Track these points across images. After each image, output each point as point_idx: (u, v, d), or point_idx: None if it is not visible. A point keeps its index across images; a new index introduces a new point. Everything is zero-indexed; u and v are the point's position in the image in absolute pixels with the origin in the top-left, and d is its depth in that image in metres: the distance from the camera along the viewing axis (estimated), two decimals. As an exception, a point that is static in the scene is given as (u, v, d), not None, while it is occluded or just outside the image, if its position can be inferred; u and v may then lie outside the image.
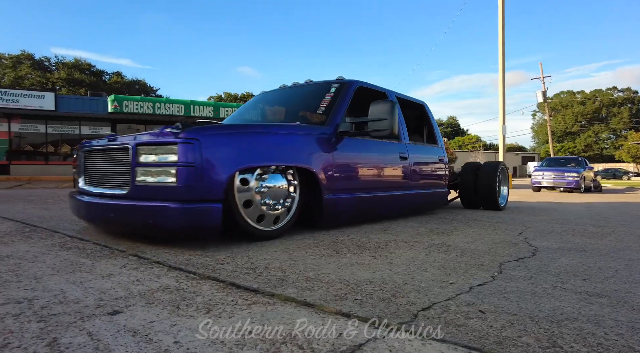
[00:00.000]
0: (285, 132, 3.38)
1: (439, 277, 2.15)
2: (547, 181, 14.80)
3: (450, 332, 1.38)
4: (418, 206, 5.11)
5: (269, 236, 3.14)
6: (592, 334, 1.39)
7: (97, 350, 1.21)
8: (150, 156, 2.71)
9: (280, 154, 3.18)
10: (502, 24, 17.45)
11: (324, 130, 3.68)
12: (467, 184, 6.34)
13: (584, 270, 2.37)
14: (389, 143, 4.46)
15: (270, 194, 3.12)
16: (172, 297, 1.74)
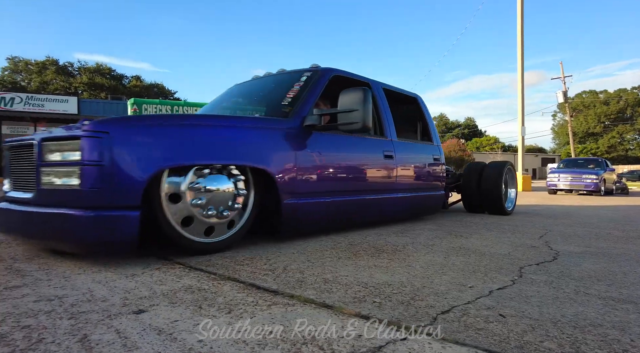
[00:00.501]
0: (235, 126, 2.85)
1: (458, 280, 2.14)
2: (564, 183, 14.08)
3: (470, 336, 1.38)
4: (408, 210, 4.60)
5: (205, 249, 2.65)
6: (618, 341, 1.36)
7: (125, 347, 1.25)
8: (56, 153, 2.30)
9: (227, 150, 2.70)
10: (521, 23, 17.16)
11: (287, 124, 3.15)
12: (470, 186, 5.83)
13: (608, 275, 2.32)
14: (370, 140, 3.93)
15: (212, 199, 2.61)
16: (194, 297, 1.78)
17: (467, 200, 5.99)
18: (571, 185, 13.90)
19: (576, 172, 14.25)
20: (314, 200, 3.24)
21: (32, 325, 1.42)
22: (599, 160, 15.66)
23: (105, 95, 32.63)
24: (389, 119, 4.29)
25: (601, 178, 13.57)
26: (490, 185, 5.61)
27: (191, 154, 2.52)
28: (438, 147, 5.20)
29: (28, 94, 18.88)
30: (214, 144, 2.67)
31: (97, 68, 39.46)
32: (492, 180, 5.60)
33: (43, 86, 36.11)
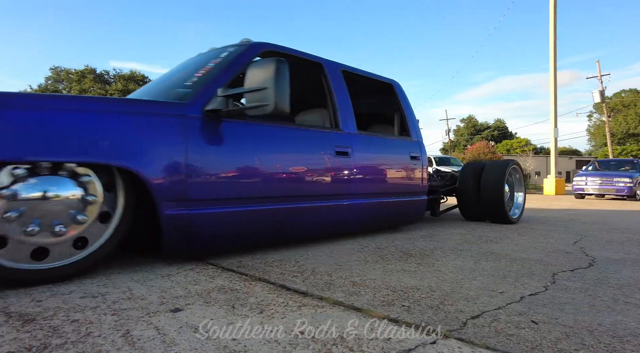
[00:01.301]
0: (91, 110, 2.10)
1: (488, 285, 2.11)
2: (593, 187, 12.76)
3: (501, 341, 1.37)
4: (375, 219, 3.76)
5: (33, 279, 1.95)
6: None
7: (164, 344, 1.33)
8: None
9: (67, 142, 1.97)
10: (554, 22, 16.61)
11: (179, 109, 2.40)
12: (467, 190, 5.00)
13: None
14: (314, 132, 3.15)
15: (36, 210, 1.92)
16: (227, 297, 1.84)
17: (464, 206, 5.18)
18: (600, 189, 12.66)
19: (607, 174, 12.91)
20: (222, 209, 2.52)
21: (80, 320, 1.52)
22: (634, 161, 14.30)
23: (138, 101, 33.81)
24: (346, 108, 3.42)
25: (636, 182, 12.37)
26: (491, 188, 4.79)
27: (9, 146, 1.82)
28: (418, 144, 4.30)
29: (68, 101, 19.89)
30: (45, 133, 1.92)
31: (131, 75, 41.07)
32: (493, 182, 4.80)
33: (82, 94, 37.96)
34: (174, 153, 2.32)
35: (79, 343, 1.31)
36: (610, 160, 15.48)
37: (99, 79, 40.41)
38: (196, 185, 2.39)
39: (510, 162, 5.07)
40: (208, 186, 2.45)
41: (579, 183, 13.20)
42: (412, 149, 4.18)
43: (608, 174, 13.03)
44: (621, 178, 12.47)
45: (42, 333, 1.39)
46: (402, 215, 4.15)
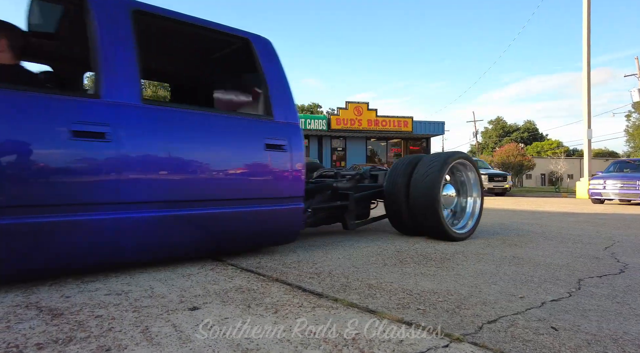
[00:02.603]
0: None
1: (508, 290, 2.06)
2: (612, 191, 10.93)
3: (517, 347, 1.34)
4: (171, 244, 2.43)
5: None
6: (686, 361, 1.25)
7: (180, 340, 1.37)
8: None
9: None
10: (588, 16, 15.99)
11: None
12: (395, 193, 3.70)
13: (683, 291, 2.11)
14: (37, 97, 1.98)
15: None
16: (243, 297, 1.88)
17: (394, 215, 3.84)
18: (620, 193, 10.78)
19: (629, 177, 10.99)
20: None
21: (104, 315, 1.59)
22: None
23: (167, 106, 34.91)
24: (120, 66, 2.27)
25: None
26: (423, 192, 3.46)
27: None
28: (285, 128, 2.88)
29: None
30: None
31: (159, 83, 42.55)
32: (426, 184, 3.45)
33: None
34: None
35: (101, 338, 1.37)
36: (635, 159, 13.25)
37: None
38: None
39: (453, 155, 3.67)
40: None
41: (596, 186, 11.42)
42: (272, 134, 2.80)
43: (631, 176, 11.09)
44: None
45: (69, 327, 1.46)
46: (251, 232, 2.78)
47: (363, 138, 23.98)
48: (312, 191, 3.66)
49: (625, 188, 10.74)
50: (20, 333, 1.40)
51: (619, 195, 10.81)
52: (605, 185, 11.10)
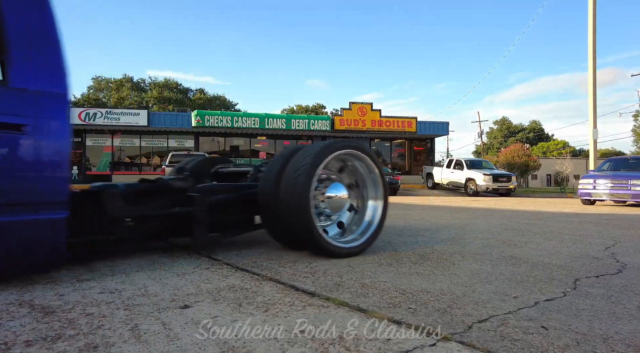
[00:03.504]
0: None
1: (503, 290, 2.04)
2: (602, 191, 9.96)
3: (505, 346, 1.33)
4: None
5: None
6: (675, 361, 1.24)
7: (168, 338, 1.38)
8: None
9: None
10: (594, 16, 15.86)
11: None
12: (268, 195, 2.86)
13: (680, 291, 2.08)
14: None
15: None
16: (235, 296, 1.89)
17: (269, 222, 3.02)
18: (612, 193, 9.79)
19: (620, 176, 9.94)
20: None
21: (95, 313, 1.61)
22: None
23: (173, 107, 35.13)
24: None
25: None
26: (290, 191, 2.67)
27: None
28: (29, 98, 1.96)
29: (107, 109, 20.91)
30: None
31: (165, 83, 42.68)
32: (295, 181, 2.66)
33: (120, 101, 39.76)
34: None
35: (89, 335, 1.38)
36: (629, 157, 11.99)
37: (136, 87, 42.24)
38: None
39: (333, 145, 2.84)
40: None
41: (586, 186, 10.41)
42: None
43: (623, 175, 10.01)
44: (639, 180, 9.51)
45: (59, 325, 1.47)
46: None
47: (367, 139, 23.95)
48: (136, 193, 2.77)
49: (616, 188, 9.77)
50: (10, 331, 1.41)
51: (609, 195, 9.88)
52: (596, 184, 10.15)
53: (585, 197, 10.46)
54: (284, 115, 22.60)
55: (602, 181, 10.03)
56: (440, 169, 19.94)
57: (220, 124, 20.43)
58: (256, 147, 23.15)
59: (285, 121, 21.32)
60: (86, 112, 19.73)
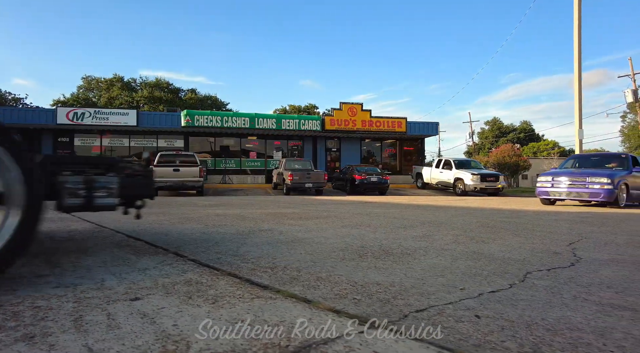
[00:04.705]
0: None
1: (452, 282, 2.11)
2: (560, 190, 9.40)
3: (432, 332, 1.39)
4: None
5: None
6: (588, 344, 1.30)
7: (109, 327, 1.41)
8: None
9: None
10: (579, 18, 16.09)
11: None
12: None
13: (623, 282, 2.16)
14: None
15: None
16: (188, 289, 1.93)
17: None
18: (569, 192, 9.27)
19: (579, 174, 9.43)
20: None
21: (43, 306, 1.64)
22: (622, 155, 10.59)
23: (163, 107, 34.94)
24: None
25: (618, 183, 8.85)
26: None
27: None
28: None
29: (95, 109, 20.76)
30: None
31: (156, 83, 42.41)
32: None
33: (110, 101, 39.44)
34: None
35: (30, 326, 1.41)
36: (592, 154, 11.64)
37: (126, 87, 41.93)
38: None
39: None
40: None
41: (544, 184, 9.86)
42: None
43: (581, 172, 9.56)
44: (597, 178, 8.96)
45: (2, 317, 1.50)
46: None
47: (357, 139, 24.04)
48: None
49: (574, 186, 9.28)
50: (-47, 322, 1.44)
51: (567, 194, 9.34)
52: (554, 182, 9.62)
53: (544, 196, 9.90)
54: (274, 115, 22.60)
55: (560, 179, 9.52)
56: (430, 168, 20.10)
57: (210, 124, 20.38)
58: (247, 147, 23.12)
59: (275, 121, 21.32)
60: (74, 112, 19.57)
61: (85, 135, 20.85)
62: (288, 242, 3.38)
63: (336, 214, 6.29)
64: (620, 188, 8.95)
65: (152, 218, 5.37)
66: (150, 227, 4.42)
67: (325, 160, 23.88)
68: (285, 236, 3.75)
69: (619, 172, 9.24)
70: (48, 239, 3.43)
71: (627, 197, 9.19)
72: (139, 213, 3.03)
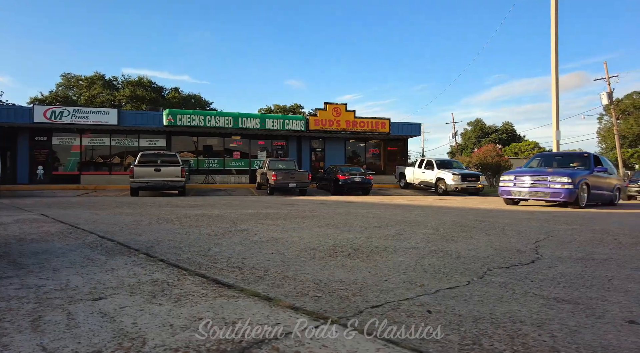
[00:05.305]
0: None
1: (413, 280, 2.18)
2: (522, 189, 9.12)
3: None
4: None
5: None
6: (525, 335, 1.39)
7: (67, 326, 1.44)
8: None
9: None
10: (555, 22, 16.53)
11: None
12: None
13: (574, 278, 2.27)
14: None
15: None
16: (153, 289, 1.95)
17: None
18: (530, 192, 8.99)
19: (540, 172, 9.19)
20: None
21: (2, 307, 1.64)
22: (584, 154, 10.40)
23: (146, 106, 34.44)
24: None
25: (579, 183, 8.61)
26: None
27: None
28: None
29: (75, 107, 20.33)
30: None
31: (138, 81, 41.75)
32: None
33: (91, 100, 38.65)
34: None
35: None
36: (556, 153, 11.30)
37: (108, 85, 41.15)
38: None
39: None
40: None
41: (506, 184, 9.57)
42: None
43: (542, 171, 9.29)
44: (558, 177, 8.70)
45: (-40, 317, 1.51)
46: None
47: (342, 139, 24.15)
48: None
49: (535, 185, 8.95)
50: None
51: (529, 193, 9.01)
52: (516, 182, 9.29)
53: (506, 196, 9.58)
54: (258, 115, 22.52)
55: (523, 178, 9.20)
56: (412, 169, 20.35)
57: (192, 123, 20.20)
58: (231, 146, 22.99)
59: (259, 121, 21.26)
60: (52, 111, 19.14)
61: (64, 134, 20.42)
62: (261, 242, 3.41)
63: (316, 214, 6.34)
64: (582, 188, 8.77)
65: (129, 218, 5.33)
66: (126, 227, 4.39)
67: (309, 160, 23.92)
68: (260, 236, 3.79)
69: (580, 172, 9.08)
70: (16, 241, 3.39)
71: (588, 197, 9.05)
72: None
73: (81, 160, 20.74)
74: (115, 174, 20.79)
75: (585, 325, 1.50)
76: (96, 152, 21.21)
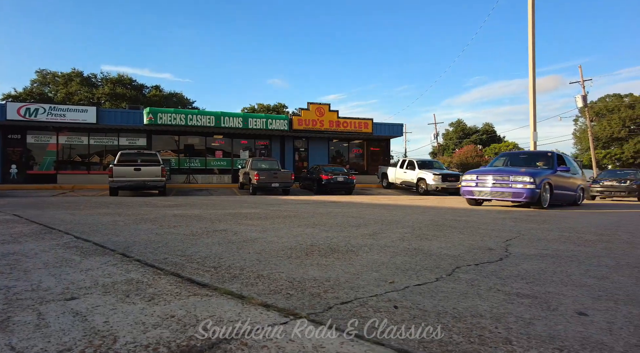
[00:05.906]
0: None
1: (384, 277, 2.25)
2: (484, 189, 8.81)
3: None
4: None
5: None
6: (482, 328, 1.47)
7: (37, 327, 1.45)
8: None
9: None
10: (532, 24, 17.00)
11: None
12: None
13: (536, 274, 2.39)
14: None
15: None
16: (127, 288, 1.97)
17: None
18: (492, 192, 8.68)
19: (502, 171, 8.93)
20: None
21: (-29, 308, 1.63)
22: (548, 154, 10.11)
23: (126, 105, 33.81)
24: None
25: (541, 182, 8.31)
26: None
27: None
28: None
29: (51, 105, 19.81)
30: None
31: (118, 79, 40.95)
32: None
33: (68, 97, 37.70)
34: None
35: (-46, 326, 1.42)
36: (521, 152, 11.12)
37: (86, 82, 40.19)
38: None
39: None
40: None
41: (469, 184, 9.22)
42: None
43: (504, 170, 9.02)
44: (520, 176, 8.39)
45: None
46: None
47: (325, 139, 24.24)
48: None
49: (497, 185, 8.67)
50: None
51: (491, 193, 8.72)
52: (478, 181, 8.98)
53: (468, 196, 9.25)
54: (241, 114, 22.40)
55: (485, 178, 8.87)
56: (394, 169, 20.60)
57: (173, 122, 19.95)
58: (213, 145, 22.79)
59: (242, 120, 21.15)
60: (26, 108, 18.61)
61: (39, 132, 19.88)
62: (239, 242, 3.44)
63: (297, 214, 6.39)
64: (544, 188, 8.43)
65: (106, 219, 5.26)
66: (104, 228, 4.35)
67: (293, 159, 23.93)
68: (239, 236, 3.81)
69: (543, 171, 8.74)
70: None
71: (551, 197, 8.74)
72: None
73: (58, 159, 20.23)
74: (93, 173, 20.37)
75: (539, 317, 1.60)
76: (74, 151, 20.72)
